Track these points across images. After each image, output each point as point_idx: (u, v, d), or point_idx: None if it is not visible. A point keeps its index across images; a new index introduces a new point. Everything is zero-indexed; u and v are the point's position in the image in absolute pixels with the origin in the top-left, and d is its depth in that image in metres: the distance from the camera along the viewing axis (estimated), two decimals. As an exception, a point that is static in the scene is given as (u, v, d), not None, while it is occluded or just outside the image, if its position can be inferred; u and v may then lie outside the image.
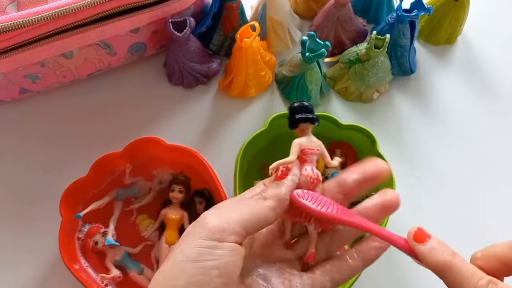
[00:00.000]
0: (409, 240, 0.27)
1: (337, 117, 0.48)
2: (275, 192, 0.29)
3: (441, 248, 0.26)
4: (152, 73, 0.57)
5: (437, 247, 0.26)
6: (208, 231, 0.26)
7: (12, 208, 0.50)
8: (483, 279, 0.25)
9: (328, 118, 0.48)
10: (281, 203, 0.28)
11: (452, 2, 0.55)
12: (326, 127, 0.48)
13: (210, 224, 0.26)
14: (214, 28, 0.55)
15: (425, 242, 0.27)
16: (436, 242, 0.27)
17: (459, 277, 0.25)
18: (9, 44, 0.44)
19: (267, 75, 0.55)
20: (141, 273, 0.46)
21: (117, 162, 0.47)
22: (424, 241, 0.27)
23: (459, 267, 0.26)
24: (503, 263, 0.26)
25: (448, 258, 0.26)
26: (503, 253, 0.26)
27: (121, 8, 0.46)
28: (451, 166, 0.53)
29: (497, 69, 0.59)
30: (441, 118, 0.56)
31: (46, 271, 0.47)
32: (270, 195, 0.29)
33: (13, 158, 0.52)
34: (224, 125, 0.54)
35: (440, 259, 0.26)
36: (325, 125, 0.48)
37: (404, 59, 0.55)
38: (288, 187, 0.29)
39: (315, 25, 0.57)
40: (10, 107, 0.54)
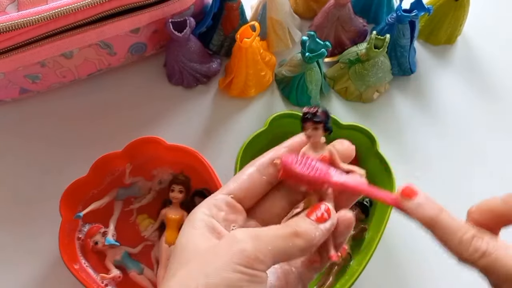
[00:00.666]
0: (398, 197, 0.27)
1: (337, 117, 0.48)
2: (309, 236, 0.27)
3: (428, 204, 0.27)
4: (152, 73, 0.57)
5: (423, 203, 0.27)
6: (244, 259, 0.25)
7: (12, 208, 0.50)
8: (468, 233, 0.26)
9: (328, 118, 0.48)
10: (311, 248, 0.27)
11: (452, 2, 0.55)
12: (326, 127, 0.48)
13: (248, 251, 0.25)
14: (214, 28, 0.55)
15: (412, 198, 0.27)
16: (423, 198, 0.27)
17: (445, 233, 0.26)
18: (9, 44, 0.44)
19: (267, 75, 0.55)
20: (141, 273, 0.46)
21: (117, 162, 0.47)
22: (411, 197, 0.27)
23: (445, 223, 0.26)
24: (496, 216, 0.26)
25: (435, 214, 0.26)
26: (496, 206, 0.26)
27: (121, 8, 0.46)
28: (451, 166, 0.53)
29: (497, 69, 0.59)
30: (441, 118, 0.56)
31: (46, 271, 0.47)
32: (304, 235, 0.27)
33: (13, 158, 0.52)
34: (224, 125, 0.54)
35: (426, 214, 0.26)
36: (325, 125, 0.48)
37: (404, 59, 0.55)
38: (322, 235, 0.28)
39: (315, 25, 0.57)
40: (10, 107, 0.54)
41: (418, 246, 0.48)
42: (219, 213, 0.29)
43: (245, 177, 0.30)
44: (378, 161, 0.46)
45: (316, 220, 0.28)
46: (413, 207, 0.27)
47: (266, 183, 0.31)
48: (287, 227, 0.27)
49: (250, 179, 0.30)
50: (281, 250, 0.26)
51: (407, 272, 0.48)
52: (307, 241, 0.27)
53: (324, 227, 0.28)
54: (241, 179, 0.30)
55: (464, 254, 0.25)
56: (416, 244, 0.49)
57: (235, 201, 0.30)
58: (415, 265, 0.48)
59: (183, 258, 0.26)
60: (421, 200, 0.27)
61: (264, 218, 0.31)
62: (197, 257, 0.26)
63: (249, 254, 0.25)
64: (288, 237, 0.27)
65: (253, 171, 0.30)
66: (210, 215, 0.28)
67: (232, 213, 0.29)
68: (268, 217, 0.31)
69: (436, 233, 0.26)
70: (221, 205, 0.29)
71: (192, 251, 0.27)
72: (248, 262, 0.25)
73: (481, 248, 0.25)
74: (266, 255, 0.26)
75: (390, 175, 0.45)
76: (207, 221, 0.28)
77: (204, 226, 0.28)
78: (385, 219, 0.44)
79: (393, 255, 0.48)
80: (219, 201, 0.29)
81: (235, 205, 0.30)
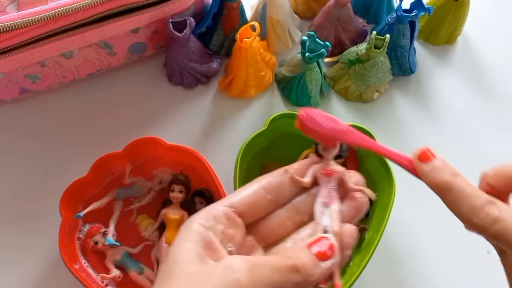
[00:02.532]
0: (413, 159, 0.27)
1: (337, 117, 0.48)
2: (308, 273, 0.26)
3: (444, 168, 0.26)
4: (152, 73, 0.57)
5: (439, 167, 0.26)
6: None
7: (13, 207, 0.50)
8: (482, 199, 0.25)
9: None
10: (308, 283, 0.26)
11: (452, 2, 0.55)
12: (326, 127, 0.48)
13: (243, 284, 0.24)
14: (214, 28, 0.55)
15: (428, 161, 0.27)
16: (440, 162, 0.27)
17: (458, 197, 0.26)
18: (9, 44, 0.44)
19: (267, 75, 0.55)
20: (141, 273, 0.46)
21: (117, 162, 0.47)
22: (427, 161, 0.27)
23: (459, 187, 0.26)
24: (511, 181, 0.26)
25: (450, 178, 0.26)
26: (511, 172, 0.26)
27: (121, 8, 0.46)
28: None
29: (497, 69, 0.59)
30: (440, 118, 0.56)
31: (46, 271, 0.47)
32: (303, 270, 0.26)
33: (13, 158, 0.52)
34: (224, 125, 0.54)
35: (441, 178, 0.26)
36: (325, 125, 0.48)
37: (404, 59, 0.55)
38: (322, 274, 0.26)
39: (315, 25, 0.57)
40: (10, 107, 0.54)
41: (418, 246, 0.48)
42: (217, 225, 0.27)
43: (250, 193, 0.29)
44: (378, 161, 0.46)
45: (317, 255, 0.26)
46: (428, 170, 0.26)
47: (271, 203, 0.29)
48: (286, 259, 0.26)
49: (254, 195, 0.29)
50: (277, 284, 0.25)
51: (407, 272, 0.48)
52: (305, 277, 0.25)
53: (325, 265, 0.26)
54: (245, 194, 0.29)
55: (475, 219, 0.25)
56: (416, 244, 0.49)
57: (236, 214, 0.28)
58: (415, 265, 0.48)
59: (174, 274, 0.25)
60: (438, 163, 0.26)
61: (263, 235, 0.29)
62: (188, 278, 0.25)
63: (243, 287, 0.24)
64: (285, 270, 0.25)
65: (258, 188, 0.29)
66: (207, 227, 0.27)
67: (230, 227, 0.28)
68: (268, 236, 0.29)
69: (449, 197, 0.26)
70: (221, 217, 0.28)
71: (183, 269, 0.25)
72: None
73: (493, 214, 0.25)
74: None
75: (390, 175, 0.45)
76: (203, 234, 0.26)
77: (200, 240, 0.26)
78: (385, 219, 0.44)
79: (393, 255, 0.48)
80: (219, 212, 0.28)
81: (235, 219, 0.28)
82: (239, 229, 0.28)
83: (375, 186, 0.47)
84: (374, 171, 0.47)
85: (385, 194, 0.45)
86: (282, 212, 0.30)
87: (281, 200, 0.30)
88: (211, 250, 0.26)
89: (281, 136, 0.49)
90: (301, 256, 0.26)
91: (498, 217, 0.25)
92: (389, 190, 0.45)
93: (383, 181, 0.46)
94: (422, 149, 0.27)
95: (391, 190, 0.44)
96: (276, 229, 0.29)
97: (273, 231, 0.29)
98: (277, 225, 0.29)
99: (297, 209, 0.30)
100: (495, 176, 0.27)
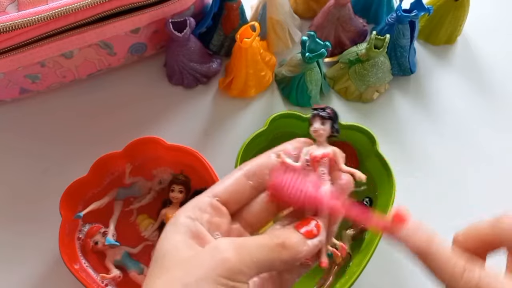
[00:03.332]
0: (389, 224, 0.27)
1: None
2: (296, 250, 0.27)
3: (419, 233, 0.26)
4: (152, 73, 0.57)
5: (414, 232, 0.26)
6: (227, 271, 0.24)
7: (13, 207, 0.50)
8: (459, 265, 0.25)
9: (328, 118, 0.48)
10: (295, 262, 0.27)
11: (452, 2, 0.55)
12: (326, 127, 0.48)
13: (231, 262, 0.24)
14: (214, 28, 0.55)
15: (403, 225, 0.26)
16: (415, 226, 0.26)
17: (436, 264, 0.26)
18: (9, 44, 0.44)
19: (267, 75, 0.55)
20: (141, 273, 0.46)
21: (117, 162, 0.47)
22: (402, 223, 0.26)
23: (435, 253, 0.26)
24: (484, 242, 0.26)
25: (426, 244, 0.26)
26: (483, 232, 0.26)
27: (121, 8, 0.46)
28: (451, 166, 0.53)
29: (497, 69, 0.59)
30: (441, 118, 0.56)
31: (46, 271, 0.47)
32: (290, 248, 0.26)
33: (13, 158, 0.52)
34: (224, 125, 0.54)
35: (418, 244, 0.26)
36: (325, 125, 0.48)
37: (404, 59, 0.55)
38: (309, 251, 0.27)
39: (315, 25, 0.57)
40: (10, 107, 0.54)
41: (418, 246, 0.48)
42: (203, 215, 0.28)
43: (232, 181, 0.29)
44: (378, 161, 0.46)
45: (304, 234, 0.27)
46: (404, 235, 0.26)
47: (252, 189, 0.30)
48: (274, 237, 0.26)
49: (236, 183, 0.29)
50: (265, 262, 0.26)
51: (407, 272, 0.48)
52: (293, 254, 0.26)
53: (312, 243, 0.27)
54: (228, 183, 0.29)
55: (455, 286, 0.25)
56: (416, 244, 0.49)
57: (220, 203, 0.29)
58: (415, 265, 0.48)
59: (164, 265, 0.25)
60: (412, 228, 0.26)
61: (249, 221, 0.30)
62: (178, 265, 0.25)
63: (232, 265, 0.24)
64: (274, 248, 0.26)
65: (240, 175, 0.30)
66: (194, 218, 0.27)
67: (216, 216, 0.28)
68: (253, 220, 0.30)
69: (428, 264, 0.26)
70: (206, 207, 0.28)
71: (173, 258, 0.26)
72: (231, 274, 0.24)
73: (473, 281, 0.25)
74: (250, 267, 0.25)
75: (390, 175, 0.45)
76: (190, 225, 0.27)
77: (187, 231, 0.27)
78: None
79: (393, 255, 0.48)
80: (204, 203, 0.28)
81: (220, 208, 0.29)
82: (225, 217, 0.29)
83: (375, 186, 0.47)
84: (374, 171, 0.47)
85: (385, 194, 0.45)
86: (264, 196, 0.30)
87: (262, 185, 0.30)
88: (199, 239, 0.27)
89: (281, 136, 0.49)
90: (289, 236, 0.27)
91: (478, 283, 0.25)
92: (389, 190, 0.45)
93: (383, 181, 0.46)
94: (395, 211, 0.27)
95: (391, 190, 0.44)
96: (260, 214, 0.30)
97: (258, 216, 0.30)
98: (260, 210, 0.30)
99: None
100: (466, 239, 0.27)
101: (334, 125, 0.30)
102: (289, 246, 0.26)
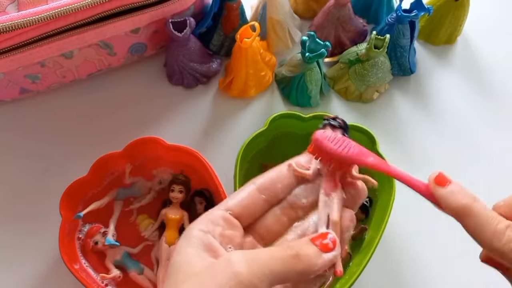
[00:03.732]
0: (430, 184, 0.27)
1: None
2: (311, 262, 0.26)
3: (462, 192, 0.26)
4: (152, 73, 0.57)
5: (457, 191, 0.26)
6: (239, 284, 0.24)
7: (12, 207, 0.50)
8: (502, 223, 0.25)
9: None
10: (309, 274, 0.27)
11: (452, 2, 0.55)
12: (326, 127, 0.48)
13: (243, 276, 0.24)
14: (214, 28, 0.55)
15: (445, 185, 0.27)
16: (457, 186, 0.27)
17: (478, 221, 0.26)
18: (9, 44, 0.44)
19: (267, 75, 0.55)
20: (141, 273, 0.46)
21: (117, 162, 0.47)
22: (445, 185, 0.27)
23: (479, 211, 0.26)
24: None
25: (469, 202, 0.26)
26: None
27: (121, 8, 0.46)
28: (451, 166, 0.53)
29: (497, 69, 0.59)
30: (440, 118, 0.56)
31: (46, 270, 0.47)
32: (305, 259, 0.26)
33: (13, 158, 0.52)
34: (224, 125, 0.54)
35: (460, 202, 0.26)
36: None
37: (404, 59, 0.55)
38: (324, 265, 0.26)
39: (315, 25, 0.57)
40: (10, 107, 0.54)
41: (418, 246, 0.48)
42: (216, 228, 0.28)
43: (245, 195, 0.30)
44: (378, 161, 0.46)
45: (320, 247, 0.27)
46: (446, 194, 0.26)
47: (265, 202, 0.30)
48: (288, 249, 0.26)
49: (249, 197, 0.29)
50: (278, 274, 0.25)
51: (407, 272, 0.48)
52: (307, 266, 0.26)
53: (327, 257, 0.27)
54: (240, 196, 0.29)
55: (496, 244, 0.25)
56: (416, 244, 0.49)
57: (233, 217, 0.29)
58: (415, 265, 0.48)
59: (179, 278, 0.25)
60: (455, 188, 0.26)
61: (261, 234, 0.30)
62: (192, 278, 0.25)
63: (243, 279, 0.24)
64: (288, 260, 0.26)
65: (252, 189, 0.30)
66: (206, 231, 0.27)
67: (229, 229, 0.28)
68: (266, 234, 0.30)
69: (468, 222, 0.26)
70: (218, 220, 0.28)
71: (187, 271, 0.26)
72: (243, 287, 0.24)
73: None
74: (262, 280, 0.25)
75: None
76: (203, 238, 0.27)
77: (200, 244, 0.27)
78: (385, 219, 0.44)
79: (393, 255, 0.48)
80: (216, 216, 0.28)
81: (232, 221, 0.29)
82: (238, 230, 0.29)
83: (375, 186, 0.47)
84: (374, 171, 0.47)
85: (385, 194, 0.45)
86: (277, 209, 0.30)
87: (275, 199, 0.30)
88: (212, 251, 0.27)
89: (281, 136, 0.49)
90: (304, 247, 0.27)
91: None
92: (389, 190, 0.45)
93: (383, 181, 0.46)
94: (437, 173, 0.27)
95: (391, 190, 0.44)
96: (273, 227, 0.30)
97: (271, 229, 0.30)
98: (273, 223, 0.30)
99: (291, 204, 0.30)
100: (507, 206, 0.27)
101: (345, 134, 0.30)
102: (304, 257, 0.26)
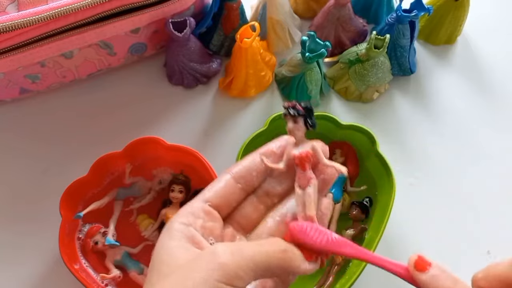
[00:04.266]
0: (410, 269, 0.26)
1: (337, 117, 0.48)
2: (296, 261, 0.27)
3: (443, 275, 0.25)
4: (152, 73, 0.57)
5: (438, 275, 0.25)
6: (224, 276, 0.24)
7: (12, 207, 0.50)
8: None
9: (328, 118, 0.48)
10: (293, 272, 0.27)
11: (452, 2, 0.55)
12: (326, 127, 0.48)
13: (228, 267, 0.25)
14: (214, 28, 0.55)
15: (426, 270, 0.26)
16: (438, 269, 0.26)
17: None
18: (9, 44, 0.44)
19: (267, 75, 0.55)
20: (141, 273, 0.46)
21: (117, 162, 0.47)
22: (425, 270, 0.26)
23: None
24: (506, 284, 0.25)
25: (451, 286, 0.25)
26: (504, 274, 0.25)
27: (121, 8, 0.46)
28: (451, 166, 0.53)
29: (497, 69, 0.59)
30: (441, 118, 0.56)
31: (46, 270, 0.47)
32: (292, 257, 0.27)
33: (13, 158, 0.52)
34: (224, 125, 0.54)
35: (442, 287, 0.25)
36: (325, 125, 0.48)
37: (404, 59, 0.55)
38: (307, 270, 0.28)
39: (315, 25, 0.57)
40: (10, 107, 0.54)
41: (418, 246, 0.48)
42: (197, 220, 0.28)
43: (221, 185, 0.30)
44: (378, 161, 0.46)
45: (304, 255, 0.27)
46: (427, 280, 0.25)
47: (242, 191, 0.30)
48: (276, 243, 0.27)
49: (226, 187, 0.30)
50: (263, 267, 0.26)
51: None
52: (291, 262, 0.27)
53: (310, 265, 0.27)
54: (217, 187, 0.30)
55: None
56: (416, 244, 0.49)
57: (212, 208, 0.29)
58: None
59: (162, 272, 0.26)
60: (436, 272, 0.25)
61: (240, 223, 0.30)
62: (175, 271, 0.25)
63: (229, 270, 0.24)
64: (274, 254, 0.26)
65: (229, 179, 0.30)
66: (187, 224, 0.28)
67: (209, 221, 0.29)
68: (245, 222, 0.30)
69: None
70: (198, 212, 0.29)
71: (171, 264, 0.26)
72: (228, 279, 0.24)
73: None
74: (247, 272, 0.25)
75: (390, 175, 0.45)
76: (185, 231, 0.27)
77: (183, 237, 0.27)
78: (385, 219, 0.44)
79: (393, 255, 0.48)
80: (196, 208, 0.29)
81: (212, 212, 0.29)
82: (218, 221, 0.29)
83: (375, 186, 0.47)
84: (374, 171, 0.47)
85: (385, 194, 0.45)
86: (253, 197, 0.31)
87: (250, 187, 0.30)
88: (195, 243, 0.27)
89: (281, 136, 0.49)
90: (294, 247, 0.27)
91: None
92: (389, 190, 0.45)
93: (383, 181, 0.46)
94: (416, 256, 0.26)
95: (391, 190, 0.44)
96: (251, 215, 0.31)
97: (249, 217, 0.31)
98: (251, 211, 0.31)
99: (266, 192, 0.31)
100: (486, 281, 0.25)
101: (308, 120, 0.29)
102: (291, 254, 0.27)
